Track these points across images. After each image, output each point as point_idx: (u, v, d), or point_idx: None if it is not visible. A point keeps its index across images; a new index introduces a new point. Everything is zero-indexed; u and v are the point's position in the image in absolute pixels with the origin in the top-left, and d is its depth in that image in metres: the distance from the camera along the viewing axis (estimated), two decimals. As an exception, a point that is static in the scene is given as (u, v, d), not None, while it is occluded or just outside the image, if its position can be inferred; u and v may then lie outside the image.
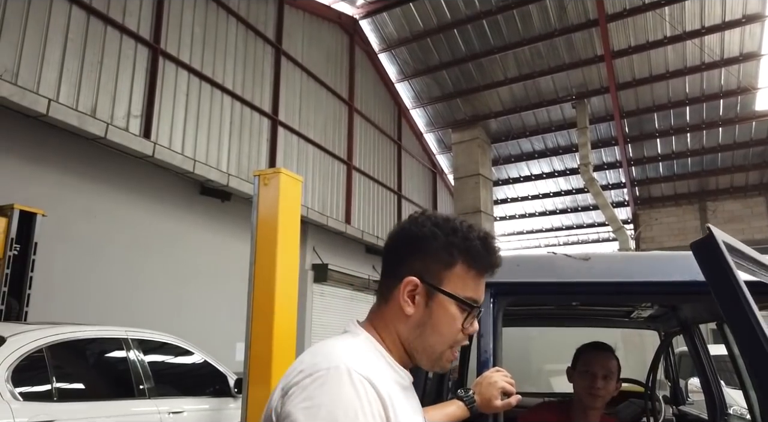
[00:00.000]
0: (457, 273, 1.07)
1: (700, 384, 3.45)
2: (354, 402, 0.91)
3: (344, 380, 0.92)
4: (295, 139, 11.39)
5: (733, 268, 0.84)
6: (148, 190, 7.83)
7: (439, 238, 1.07)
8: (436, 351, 1.08)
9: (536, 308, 3.50)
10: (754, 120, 14.37)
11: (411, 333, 1.07)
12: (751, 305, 0.84)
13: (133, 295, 7.19)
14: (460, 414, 1.61)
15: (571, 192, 18.58)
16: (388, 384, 0.99)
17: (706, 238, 0.85)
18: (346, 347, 1.02)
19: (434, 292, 1.06)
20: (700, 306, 2.73)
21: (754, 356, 0.88)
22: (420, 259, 1.07)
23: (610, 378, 2.34)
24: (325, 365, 0.94)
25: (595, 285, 1.84)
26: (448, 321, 1.06)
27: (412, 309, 1.06)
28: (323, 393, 0.91)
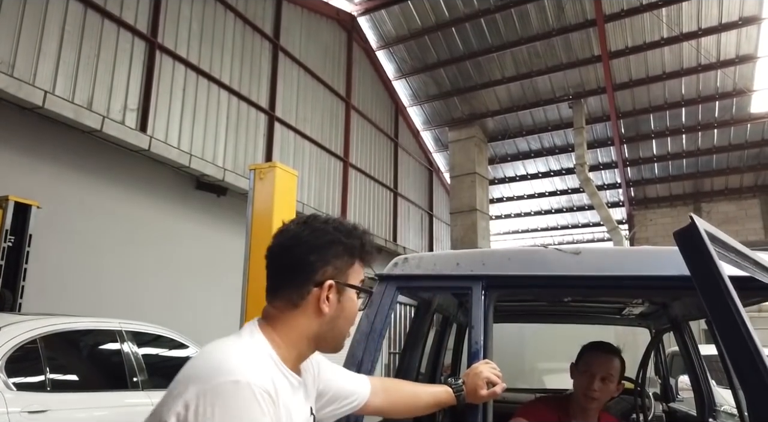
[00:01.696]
0: (355, 269, 1.23)
1: (689, 382, 3.49)
2: (252, 418, 0.97)
3: (246, 395, 0.97)
4: (291, 135, 11.39)
5: (714, 257, 0.86)
6: (144, 184, 7.83)
7: (342, 242, 1.19)
8: (345, 335, 1.24)
9: (529, 305, 3.53)
10: (749, 122, 14.45)
11: (325, 327, 1.19)
12: (731, 294, 0.86)
13: (127, 289, 7.19)
14: (446, 399, 1.68)
15: (567, 191, 18.63)
16: (282, 391, 1.07)
17: (688, 227, 0.86)
18: (241, 354, 1.06)
19: (344, 289, 1.20)
20: (690, 302, 2.75)
21: (734, 346, 0.90)
22: (331, 264, 1.18)
23: (609, 380, 2.32)
24: (226, 377, 0.98)
25: (586, 279, 1.86)
26: (353, 309, 1.23)
27: (328, 308, 1.17)
28: (224, 409, 0.96)
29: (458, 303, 3.44)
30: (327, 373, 1.41)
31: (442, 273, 2.00)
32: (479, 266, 1.96)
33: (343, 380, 1.47)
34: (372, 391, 1.53)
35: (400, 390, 1.66)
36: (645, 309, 3.36)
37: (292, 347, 1.16)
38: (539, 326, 4.97)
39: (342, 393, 1.45)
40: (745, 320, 0.89)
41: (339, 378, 1.46)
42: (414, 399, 1.66)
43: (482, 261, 1.99)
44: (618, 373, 2.36)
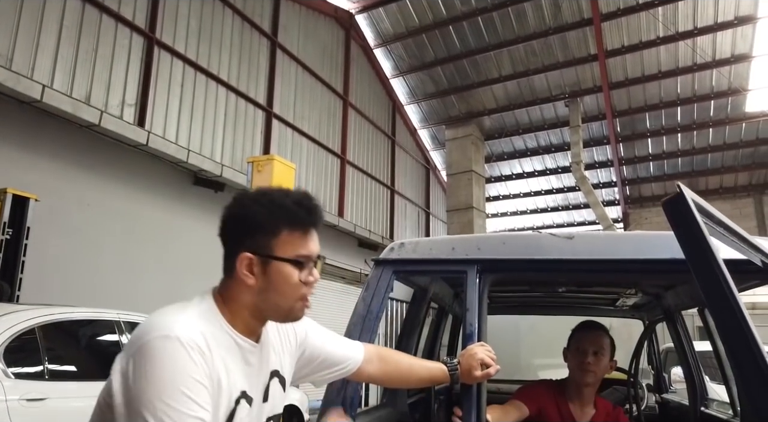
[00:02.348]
0: (283, 239, 1.18)
1: (682, 374, 3.53)
2: (183, 367, 1.03)
3: (175, 347, 1.03)
4: (289, 131, 11.41)
5: (701, 225, 0.89)
6: (142, 179, 7.84)
7: (261, 213, 1.18)
8: (284, 308, 1.21)
9: (523, 296, 3.57)
10: (744, 121, 14.53)
11: (257, 299, 1.19)
12: (718, 261, 0.89)
13: (125, 284, 7.20)
14: (440, 376, 1.73)
15: (563, 190, 18.70)
16: (218, 347, 1.11)
17: (675, 196, 0.90)
18: (175, 313, 1.12)
19: (268, 260, 1.17)
20: (683, 291, 2.79)
21: (722, 312, 0.93)
22: (249, 235, 1.18)
23: (601, 354, 2.39)
24: (156, 333, 1.05)
25: (579, 262, 1.90)
26: (286, 281, 1.18)
27: (253, 280, 1.17)
28: (155, 360, 1.02)
29: (454, 293, 3.47)
30: (317, 340, 1.47)
31: (438, 257, 2.03)
32: (474, 250, 2.00)
33: (335, 346, 1.53)
34: (366, 358, 1.58)
35: (395, 360, 1.71)
36: (638, 300, 3.41)
37: (236, 313, 1.20)
38: (535, 320, 5.02)
39: (333, 359, 1.51)
40: (731, 285, 0.92)
41: (330, 344, 1.51)
42: (408, 371, 1.71)
43: (477, 246, 2.02)
44: (609, 348, 2.43)
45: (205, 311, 1.17)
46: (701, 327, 3.62)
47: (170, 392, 1.00)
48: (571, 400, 2.48)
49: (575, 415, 2.45)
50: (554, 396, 2.47)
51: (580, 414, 2.46)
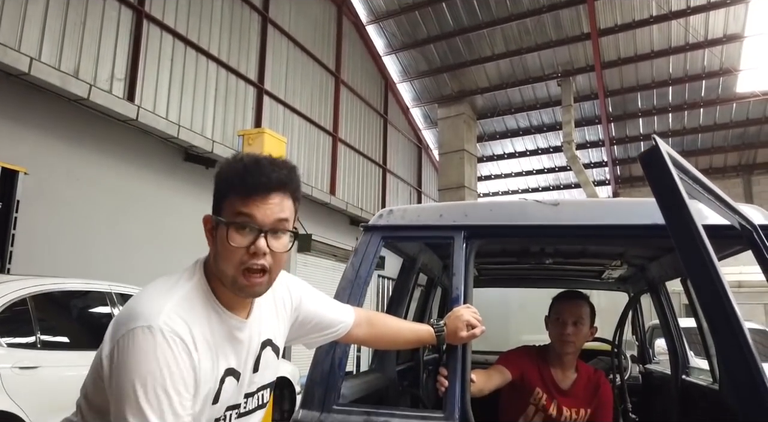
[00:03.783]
0: (230, 201, 1.14)
1: (664, 345, 3.60)
2: (165, 362, 1.03)
3: (157, 339, 1.03)
4: (280, 108, 11.35)
5: (675, 177, 0.92)
6: (132, 155, 7.79)
7: (218, 175, 1.18)
8: (228, 275, 1.14)
9: (511, 269, 3.62)
10: (735, 101, 14.59)
11: (213, 264, 1.17)
12: (693, 216, 0.92)
13: (116, 259, 7.20)
14: (427, 337, 1.77)
15: (554, 169, 18.78)
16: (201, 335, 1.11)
17: (651, 149, 0.93)
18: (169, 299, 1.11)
19: (218, 223, 1.15)
20: (666, 262, 2.85)
21: (694, 265, 0.96)
22: (214, 198, 1.18)
23: (580, 324, 2.44)
24: (140, 322, 1.05)
25: (563, 228, 1.94)
26: (223, 244, 1.13)
27: (211, 244, 1.18)
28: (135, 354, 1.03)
29: (443, 265, 3.52)
30: (311, 304, 1.49)
31: (425, 223, 2.06)
32: (461, 217, 2.03)
33: (327, 310, 1.56)
34: (356, 322, 1.62)
35: (383, 323, 1.75)
36: (624, 272, 3.47)
37: (216, 283, 1.18)
38: (522, 293, 5.08)
39: (325, 322, 1.54)
40: (705, 242, 0.95)
41: (323, 308, 1.54)
42: (396, 333, 1.75)
43: (464, 213, 2.05)
44: (588, 317, 2.48)
45: (193, 289, 1.15)
46: (687, 305, 3.70)
47: (150, 387, 1.01)
48: (552, 365, 2.54)
49: (557, 380, 2.51)
50: (536, 362, 2.53)
51: (562, 378, 2.52)
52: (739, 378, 0.80)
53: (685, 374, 3.13)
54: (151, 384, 1.01)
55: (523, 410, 2.53)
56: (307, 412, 1.78)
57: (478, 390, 2.06)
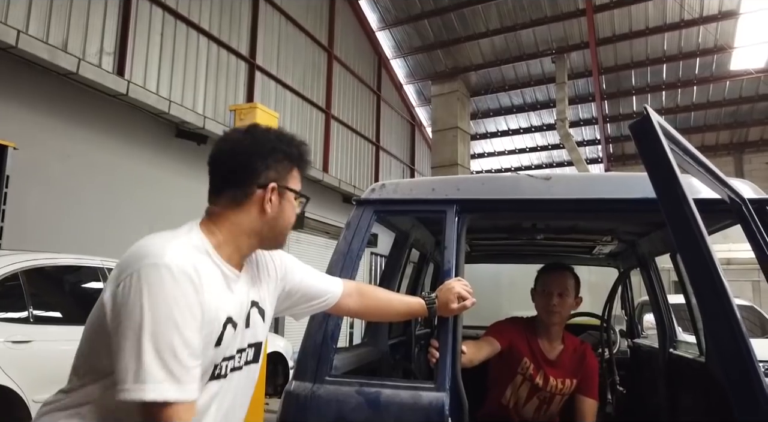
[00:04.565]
0: (294, 175, 1.35)
1: (653, 319, 3.64)
2: (172, 295, 1.06)
3: (164, 274, 1.07)
4: (272, 84, 11.24)
5: (666, 150, 0.93)
6: (123, 131, 7.72)
7: (283, 149, 1.32)
8: (283, 235, 1.36)
9: (503, 245, 3.64)
10: (728, 79, 14.58)
11: (265, 226, 1.30)
12: (682, 187, 0.93)
13: (107, 235, 7.18)
14: (418, 310, 1.80)
15: (547, 147, 18.78)
16: (207, 277, 1.15)
17: (642, 119, 0.93)
18: (165, 241, 1.15)
19: (285, 192, 1.32)
20: (656, 237, 2.88)
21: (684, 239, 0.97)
22: (273, 168, 1.30)
23: (566, 295, 2.49)
24: (148, 260, 1.08)
25: (555, 202, 1.95)
26: (291, 211, 1.35)
27: (270, 208, 1.29)
28: (147, 287, 1.06)
29: (435, 241, 3.54)
30: (297, 274, 1.53)
31: (418, 197, 2.07)
32: (454, 191, 2.04)
33: (314, 280, 1.59)
34: (346, 292, 1.64)
35: (374, 295, 1.77)
36: (614, 248, 3.50)
37: (231, 241, 1.27)
38: (513, 270, 5.11)
39: (313, 292, 1.58)
40: (695, 215, 0.95)
41: (309, 278, 1.57)
42: (387, 305, 1.78)
43: (456, 187, 2.06)
44: (573, 288, 2.52)
45: (194, 240, 1.21)
46: (676, 282, 3.74)
47: (162, 321, 1.03)
48: (539, 336, 2.59)
49: (544, 350, 2.56)
50: (524, 333, 2.58)
51: (549, 349, 2.57)
52: (726, 351, 0.81)
53: (673, 348, 3.19)
54: (163, 319, 1.04)
55: (511, 379, 2.58)
56: (300, 383, 1.80)
57: (468, 361, 2.10)
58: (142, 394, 1.00)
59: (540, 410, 2.56)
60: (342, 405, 1.74)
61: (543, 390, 2.54)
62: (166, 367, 1.02)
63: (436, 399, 1.71)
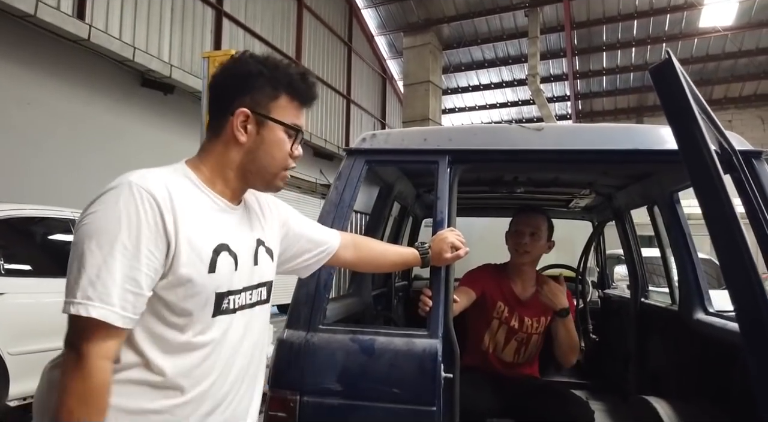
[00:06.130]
0: (281, 105, 1.22)
1: (623, 271, 3.76)
2: (125, 211, 1.03)
3: (122, 192, 1.05)
4: (240, 32, 10.85)
5: (688, 94, 0.92)
6: (86, 78, 7.39)
7: (264, 74, 1.20)
8: (270, 172, 1.24)
9: (483, 198, 3.67)
10: (697, 37, 14.71)
11: (245, 158, 1.21)
12: (700, 126, 0.93)
13: (72, 187, 6.94)
14: (412, 260, 1.81)
15: (518, 103, 18.80)
16: (182, 198, 1.11)
17: (663, 63, 0.92)
18: (143, 171, 1.13)
19: (264, 121, 1.20)
20: (634, 190, 2.94)
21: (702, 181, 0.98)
22: (249, 94, 1.20)
23: (537, 236, 2.53)
24: (115, 183, 1.08)
25: (547, 152, 1.96)
26: (278, 145, 1.22)
27: (245, 138, 1.19)
28: (98, 206, 1.05)
29: (416, 194, 3.54)
30: (296, 223, 1.51)
31: (409, 147, 2.05)
32: (446, 141, 2.02)
33: (314, 230, 1.57)
34: (342, 244, 1.63)
35: (370, 247, 1.77)
36: (590, 201, 3.57)
37: (218, 175, 1.21)
38: (484, 225, 5.17)
39: (314, 241, 1.55)
40: (714, 158, 0.96)
41: (308, 230, 1.55)
42: (382, 256, 1.78)
43: (449, 137, 2.05)
44: (545, 231, 2.57)
45: (176, 170, 1.19)
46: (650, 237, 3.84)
47: (104, 237, 1.01)
48: (512, 279, 2.64)
49: (517, 292, 2.63)
50: (496, 277, 2.63)
51: (521, 291, 2.64)
52: (742, 295, 0.84)
53: (644, 297, 3.31)
54: (104, 232, 1.01)
55: (487, 326, 2.64)
56: (293, 332, 1.81)
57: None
58: (69, 307, 0.99)
59: (519, 352, 2.65)
60: (336, 353, 1.76)
61: (519, 332, 2.61)
62: (99, 284, 0.99)
63: (430, 345, 1.74)
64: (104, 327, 0.99)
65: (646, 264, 3.62)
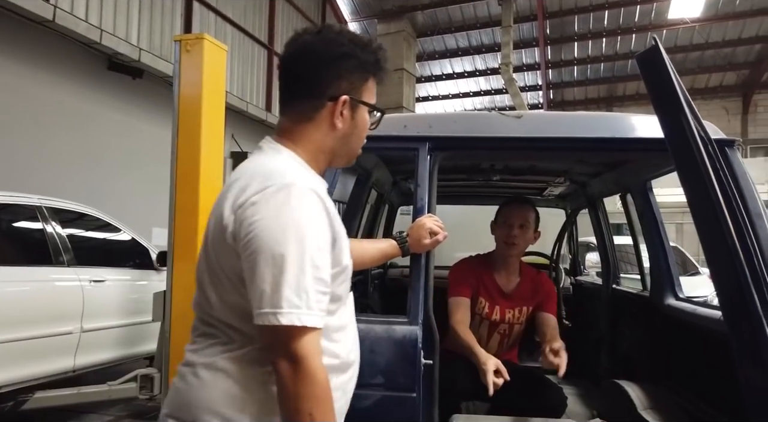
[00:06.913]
0: (369, 87, 1.22)
1: (594, 258, 3.82)
2: (311, 212, 1.02)
3: (292, 193, 1.01)
4: (212, 16, 10.63)
5: (674, 81, 0.93)
6: (51, 61, 7.15)
7: (357, 56, 1.17)
8: (356, 153, 1.27)
9: (459, 187, 3.68)
10: (665, 28, 14.95)
11: (338, 143, 1.20)
12: (685, 111, 0.94)
13: (38, 172, 6.76)
14: (392, 251, 1.80)
15: (490, 92, 18.89)
16: (324, 193, 1.11)
17: (650, 50, 0.92)
18: (282, 165, 1.10)
19: (357, 105, 1.19)
20: (609, 178, 2.98)
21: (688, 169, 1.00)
22: (345, 78, 1.16)
23: (526, 227, 2.54)
24: (278, 182, 1.03)
25: (526, 140, 1.97)
26: (365, 127, 1.24)
27: (341, 124, 1.17)
28: (285, 206, 1.00)
29: (393, 181, 3.54)
30: None
31: (390, 134, 2.03)
32: (426, 128, 2.02)
33: None
34: None
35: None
36: (564, 189, 3.61)
37: (312, 160, 1.18)
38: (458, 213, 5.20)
39: None
40: (700, 145, 0.98)
41: None
42: (361, 253, 1.73)
43: (429, 124, 2.04)
44: (533, 221, 2.58)
45: (293, 160, 1.14)
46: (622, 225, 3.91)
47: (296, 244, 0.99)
48: (497, 271, 2.65)
49: (500, 284, 2.63)
50: (480, 271, 2.63)
51: (506, 283, 2.64)
52: (725, 279, 0.86)
53: (616, 284, 3.37)
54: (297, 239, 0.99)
55: (470, 321, 2.65)
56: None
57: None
58: (279, 318, 0.97)
59: (502, 344, 2.66)
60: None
61: (502, 324, 2.63)
62: (302, 291, 0.99)
63: (410, 332, 1.75)
64: (311, 330, 1.00)
65: (617, 251, 3.69)
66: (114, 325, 4.37)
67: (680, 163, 0.93)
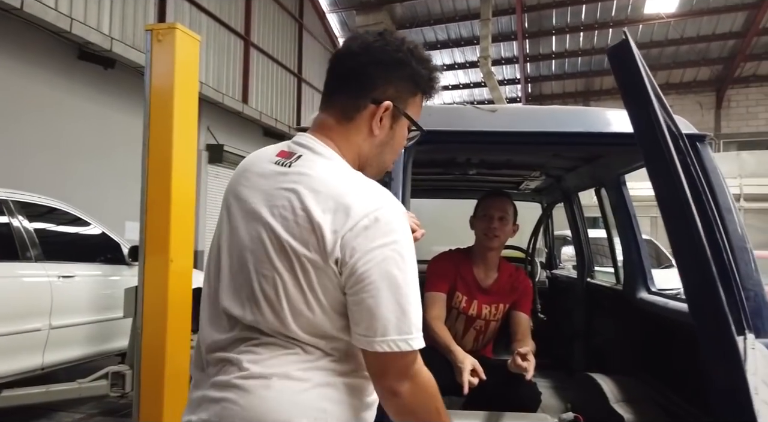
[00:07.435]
0: (416, 102, 1.15)
1: (569, 251, 3.84)
2: (408, 234, 1.01)
3: (400, 216, 1.00)
4: (186, 5, 10.44)
5: (643, 75, 0.92)
6: (20, 50, 6.96)
7: (411, 66, 1.11)
8: (387, 167, 1.19)
9: (434, 180, 3.67)
10: (641, 23, 15.11)
11: (372, 151, 1.13)
12: (656, 110, 0.93)
13: (6, 163, 6.60)
14: None
15: (469, 85, 18.94)
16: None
17: (620, 44, 0.91)
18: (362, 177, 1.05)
19: (400, 116, 1.12)
20: (584, 171, 2.99)
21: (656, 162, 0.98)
22: (393, 85, 1.10)
23: (506, 219, 2.54)
24: (380, 201, 0.99)
25: (501, 134, 1.95)
26: (402, 141, 1.17)
27: (379, 131, 1.11)
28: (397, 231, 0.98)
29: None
30: None
31: (363, 127, 2.00)
32: (400, 121, 1.99)
33: None
34: None
35: None
36: (540, 183, 3.62)
37: (352, 164, 1.11)
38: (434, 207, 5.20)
39: None
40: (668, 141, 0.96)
41: None
42: None
43: (403, 117, 2.01)
44: (512, 214, 2.58)
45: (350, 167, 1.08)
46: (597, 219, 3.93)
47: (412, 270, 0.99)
48: (476, 265, 2.64)
49: (479, 278, 2.63)
50: (458, 266, 2.62)
51: (484, 277, 2.64)
52: (693, 276, 0.85)
53: (591, 277, 3.40)
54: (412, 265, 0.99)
55: (447, 315, 2.65)
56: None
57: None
58: (410, 344, 0.97)
59: (477, 340, 2.66)
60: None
61: (478, 319, 2.62)
62: (419, 316, 0.99)
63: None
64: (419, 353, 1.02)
65: (591, 244, 3.72)
66: (84, 322, 4.28)
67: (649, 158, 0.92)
